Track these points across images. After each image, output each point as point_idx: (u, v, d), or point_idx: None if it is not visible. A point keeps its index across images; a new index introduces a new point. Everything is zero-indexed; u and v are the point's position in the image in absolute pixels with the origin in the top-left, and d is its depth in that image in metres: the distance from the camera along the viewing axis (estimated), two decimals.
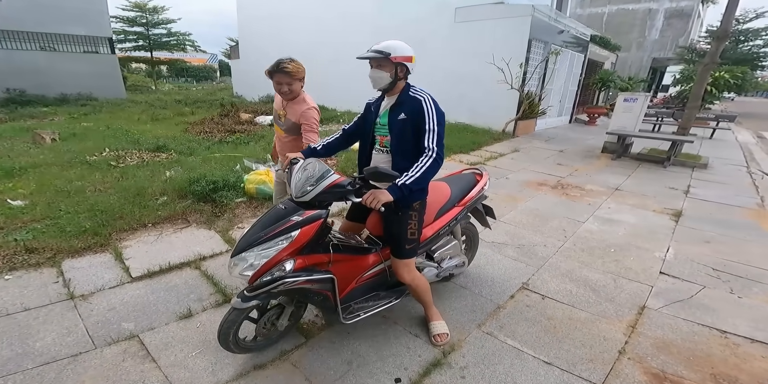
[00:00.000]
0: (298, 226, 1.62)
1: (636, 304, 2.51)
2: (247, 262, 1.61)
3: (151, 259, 2.79)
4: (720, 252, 3.33)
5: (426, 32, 10.05)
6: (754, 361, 2.01)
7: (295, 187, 1.70)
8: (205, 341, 2.03)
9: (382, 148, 1.95)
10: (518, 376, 1.87)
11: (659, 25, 19.45)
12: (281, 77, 2.22)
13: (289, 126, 2.43)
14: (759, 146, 9.60)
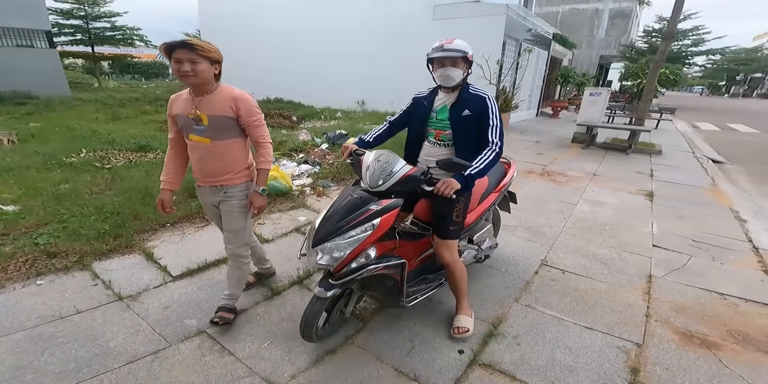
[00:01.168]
0: (378, 215, 1.64)
1: (643, 274, 2.78)
2: (332, 252, 1.61)
3: (184, 258, 2.70)
4: (693, 225, 3.72)
5: (406, 29, 10.13)
6: (756, 317, 2.29)
7: (371, 177, 1.70)
8: (270, 332, 2.02)
9: (438, 141, 2.00)
10: (567, 340, 2.02)
11: (605, 24, 20.44)
12: (182, 53, 1.59)
13: (215, 126, 1.74)
14: (696, 135, 10.65)
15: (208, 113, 1.73)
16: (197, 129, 1.76)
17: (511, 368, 1.82)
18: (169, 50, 1.61)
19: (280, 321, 2.12)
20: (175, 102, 1.82)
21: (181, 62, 1.61)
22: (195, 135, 1.78)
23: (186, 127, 1.79)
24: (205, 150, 1.81)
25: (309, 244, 1.66)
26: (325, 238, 1.61)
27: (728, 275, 2.80)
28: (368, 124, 8.68)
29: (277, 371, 1.76)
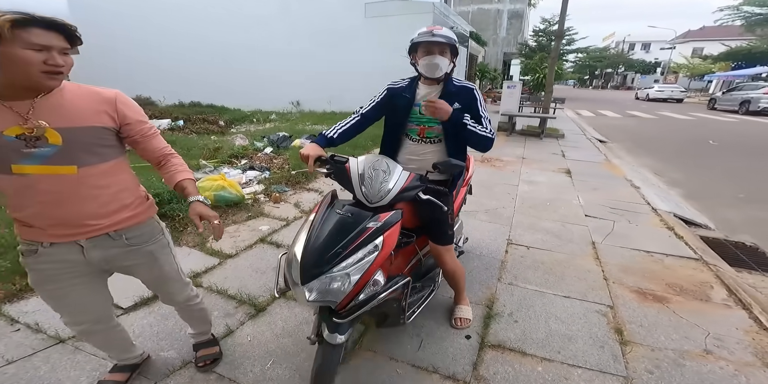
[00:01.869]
0: (380, 232, 1.30)
1: (587, 242, 2.98)
2: (329, 286, 1.23)
3: (129, 287, 2.07)
4: (606, 195, 4.13)
5: (340, 26, 9.61)
6: (680, 269, 2.56)
7: (370, 190, 1.37)
8: (269, 351, 1.74)
9: (422, 138, 1.71)
10: (554, 311, 2.06)
11: (505, 24, 21.05)
12: (52, 38, 0.94)
13: (77, 145, 1.05)
14: (581, 120, 12.01)
15: (60, 125, 1.01)
16: (37, 154, 0.99)
17: (518, 345, 1.79)
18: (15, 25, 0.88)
19: (275, 338, 1.83)
20: None
21: (49, 49, 0.93)
22: (34, 164, 1.00)
23: (3, 152, 0.98)
24: (70, 184, 1.06)
25: (293, 279, 1.25)
26: (318, 271, 1.22)
27: (645, 235, 3.14)
28: (308, 124, 8.11)
29: None
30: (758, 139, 8.84)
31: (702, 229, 3.55)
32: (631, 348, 1.75)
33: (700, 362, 1.64)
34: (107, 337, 1.39)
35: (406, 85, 1.77)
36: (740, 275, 2.62)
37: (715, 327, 1.90)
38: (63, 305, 1.24)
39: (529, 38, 21.04)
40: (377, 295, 1.30)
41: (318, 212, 1.37)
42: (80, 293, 1.23)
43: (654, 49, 45.49)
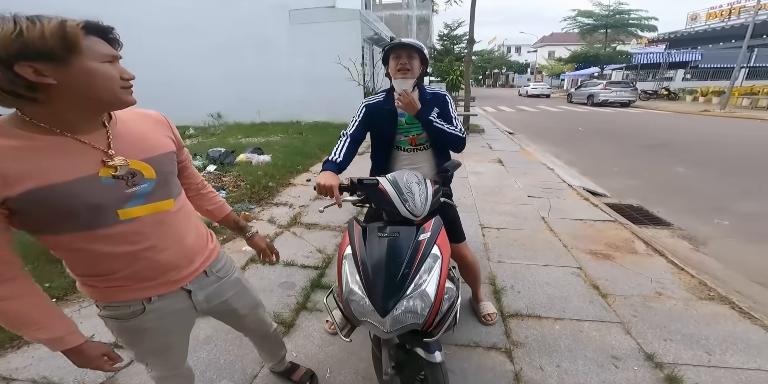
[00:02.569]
0: (433, 242, 1.21)
1: (538, 218, 3.40)
2: (415, 307, 1.11)
3: None
4: (534, 178, 4.71)
5: (264, 33, 8.85)
6: (608, 231, 3.07)
7: (414, 203, 1.27)
8: (319, 362, 1.67)
9: (414, 146, 1.66)
10: (543, 278, 2.32)
11: (415, 29, 20.86)
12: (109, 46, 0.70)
13: (164, 175, 0.85)
14: (489, 116, 13.26)
15: (142, 156, 0.80)
16: (138, 192, 0.79)
17: (531, 311, 1.99)
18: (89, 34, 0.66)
19: (319, 349, 1.76)
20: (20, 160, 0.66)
21: (116, 61, 0.72)
22: (138, 205, 0.79)
23: (101, 199, 0.74)
24: (172, 221, 0.87)
25: (362, 316, 1.13)
26: (395, 299, 1.10)
27: (573, 207, 3.70)
28: (240, 138, 7.29)
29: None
30: (606, 123, 10.83)
31: (603, 198, 4.29)
32: (613, 299, 2.08)
33: (660, 302, 2.03)
34: (183, 380, 1.18)
35: (384, 100, 1.66)
36: (642, 230, 3.28)
37: (651, 273, 2.37)
38: (164, 359, 1.04)
39: (436, 42, 21.91)
40: (454, 303, 1.22)
41: (355, 243, 1.23)
42: (183, 343, 1.06)
43: (524, 52, 51.75)
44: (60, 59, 0.62)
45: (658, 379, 1.48)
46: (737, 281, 2.33)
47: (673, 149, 6.90)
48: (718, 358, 1.58)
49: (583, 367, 1.56)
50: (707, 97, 17.76)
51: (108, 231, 0.76)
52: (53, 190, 0.68)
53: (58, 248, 0.78)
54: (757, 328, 1.76)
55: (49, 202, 0.68)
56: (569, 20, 26.73)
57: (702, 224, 3.39)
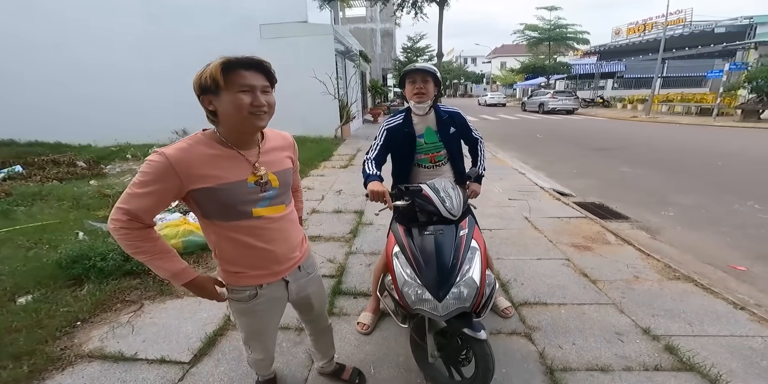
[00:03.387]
0: (471, 237, 1.40)
1: (522, 218, 3.69)
2: (465, 292, 1.28)
3: (172, 338, 1.93)
4: (510, 182, 5.06)
5: (232, 47, 8.46)
6: (582, 226, 3.43)
7: (453, 204, 1.40)
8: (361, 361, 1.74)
9: (433, 164, 1.77)
10: (539, 271, 2.55)
11: (379, 42, 21.31)
12: (253, 78, 0.90)
13: (282, 186, 1.06)
14: None
15: (274, 169, 1.03)
16: (266, 196, 1.01)
17: (537, 299, 2.20)
18: (230, 69, 0.86)
19: (357, 349, 1.83)
20: (204, 163, 0.92)
21: (255, 91, 0.89)
22: (264, 206, 1.02)
23: (245, 198, 0.98)
24: (284, 222, 1.08)
25: (420, 302, 1.29)
26: (448, 286, 1.27)
27: (549, 206, 4.07)
28: None
29: None
30: (558, 130, 11.84)
31: (570, 197, 4.74)
32: (602, 284, 2.36)
33: (639, 285, 2.35)
34: (268, 366, 1.43)
35: (403, 122, 1.72)
36: (608, 224, 3.69)
37: (625, 260, 2.71)
38: (264, 340, 1.26)
39: (400, 54, 22.46)
40: (494, 288, 1.44)
41: (403, 241, 1.41)
42: (273, 329, 1.27)
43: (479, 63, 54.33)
44: (214, 92, 0.88)
45: (659, 349, 1.73)
46: (692, 263, 2.74)
47: (617, 151, 7.72)
48: (699, 328, 1.88)
49: (595, 344, 1.78)
50: (634, 104, 19.88)
51: (245, 223, 1.00)
52: (218, 189, 0.93)
53: (213, 233, 1.01)
54: (720, 301, 2.11)
55: (216, 196, 0.94)
56: (518, 33, 28.74)
57: (653, 216, 3.89)
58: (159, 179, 0.88)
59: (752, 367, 1.59)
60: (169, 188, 0.89)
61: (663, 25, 16.29)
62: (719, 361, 1.62)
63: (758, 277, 2.55)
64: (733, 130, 10.87)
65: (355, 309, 2.17)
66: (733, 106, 13.53)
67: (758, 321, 1.90)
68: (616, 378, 1.57)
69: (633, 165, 6.33)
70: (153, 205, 0.90)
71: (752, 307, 2.01)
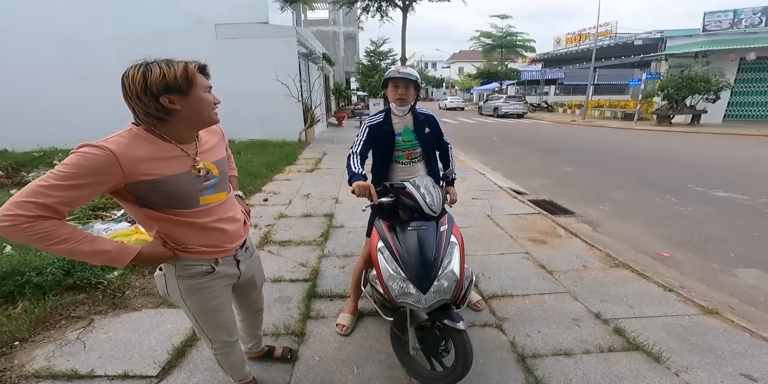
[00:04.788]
0: (450, 232, 1.44)
1: (485, 215, 3.85)
2: (446, 285, 1.31)
3: (134, 352, 1.78)
4: (472, 182, 5.25)
5: (182, 47, 7.86)
6: (537, 221, 3.66)
7: (434, 202, 1.44)
8: (343, 361, 1.72)
9: (410, 160, 1.83)
10: (502, 264, 2.66)
11: (342, 45, 20.86)
12: (207, 80, 0.98)
13: (224, 169, 1.13)
14: None
15: (212, 159, 1.06)
16: (209, 185, 1.04)
17: (504, 292, 2.30)
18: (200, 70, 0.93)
19: (339, 350, 1.78)
20: (147, 157, 0.91)
21: (210, 91, 0.97)
22: (210, 194, 1.05)
23: (191, 188, 0.99)
24: (227, 207, 1.13)
25: (404, 294, 1.32)
26: (430, 279, 1.30)
27: (507, 204, 4.28)
28: None
29: None
30: (512, 133, 12.52)
31: (525, 195, 5.03)
32: (557, 275, 2.53)
33: (588, 273, 2.54)
34: (238, 354, 1.35)
35: (383, 120, 1.78)
36: (558, 219, 3.97)
37: (574, 251, 2.93)
38: (221, 321, 1.21)
39: (363, 58, 22.20)
40: (471, 281, 1.50)
41: (387, 237, 1.42)
42: (229, 307, 1.24)
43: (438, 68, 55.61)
44: (184, 92, 0.88)
45: (610, 332, 1.89)
46: (627, 251, 3.03)
47: (562, 153, 8.33)
48: (639, 310, 2.08)
49: (557, 330, 1.91)
50: (572, 109, 21.61)
51: (194, 210, 1.02)
52: (163, 181, 0.93)
53: (160, 221, 0.99)
54: (652, 284, 2.36)
55: (162, 187, 0.93)
56: (474, 39, 29.84)
57: (593, 211, 4.25)
58: (99, 173, 0.83)
59: (685, 344, 1.79)
60: (107, 182, 0.85)
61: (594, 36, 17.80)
62: (659, 340, 1.80)
63: (680, 262, 2.89)
64: (651, 133, 12.22)
65: (332, 311, 2.12)
66: (650, 111, 15.19)
67: (684, 301, 2.15)
68: (579, 361, 1.68)
69: (574, 165, 6.88)
70: (81, 198, 0.84)
71: (678, 289, 2.27)
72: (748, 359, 1.66)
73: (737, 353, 1.70)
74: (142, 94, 0.84)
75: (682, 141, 10.01)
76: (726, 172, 5.98)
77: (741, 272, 2.70)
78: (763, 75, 13.85)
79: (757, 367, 1.62)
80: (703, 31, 14.44)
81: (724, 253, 3.03)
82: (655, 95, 14.22)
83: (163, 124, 0.92)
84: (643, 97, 15.52)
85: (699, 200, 4.51)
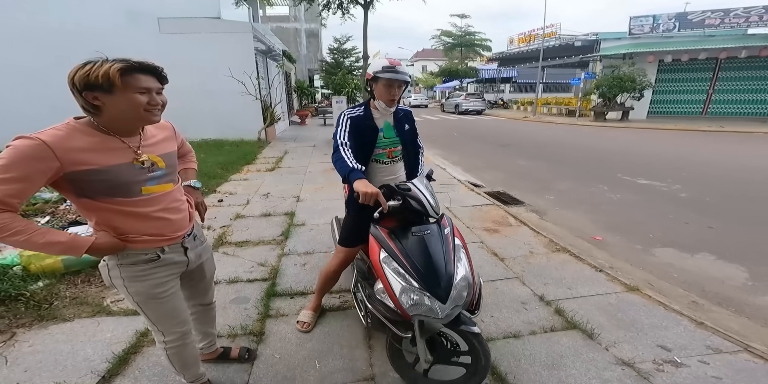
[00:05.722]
0: (454, 234, 1.34)
1: (445, 208, 3.93)
2: (463, 293, 1.23)
3: (68, 362, 1.61)
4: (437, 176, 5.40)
5: (119, 42, 7.15)
6: (492, 212, 3.80)
7: (435, 205, 1.34)
8: (305, 358, 1.68)
9: (391, 159, 1.68)
10: None
11: (304, 42, 19.88)
12: (149, 81, 0.95)
13: (172, 162, 1.14)
14: None
15: (159, 152, 1.08)
16: (154, 176, 1.05)
17: None
18: (128, 73, 0.90)
19: (299, 347, 1.74)
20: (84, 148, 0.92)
21: (150, 92, 0.96)
22: (154, 185, 1.05)
23: (133, 178, 1.01)
24: (173, 197, 1.13)
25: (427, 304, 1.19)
26: (448, 288, 1.19)
27: (465, 196, 4.40)
28: None
29: None
30: (471, 129, 12.95)
31: (482, 188, 5.22)
32: (508, 261, 2.64)
33: (534, 259, 2.68)
34: (191, 350, 1.30)
35: (364, 114, 1.61)
36: (510, 209, 4.17)
37: (523, 238, 3.08)
38: (169, 309, 1.17)
39: (326, 55, 21.48)
40: (480, 284, 1.36)
41: (391, 246, 1.26)
42: (179, 297, 1.21)
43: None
44: (106, 90, 0.89)
45: (551, 312, 2.00)
46: (567, 237, 3.25)
47: (515, 147, 8.75)
48: (575, 291, 2.23)
49: (508, 314, 1.99)
50: (525, 106, 22.78)
51: (136, 199, 1.02)
52: (103, 171, 0.94)
53: (100, 210, 0.99)
54: (587, 266, 2.55)
55: (102, 177, 0.95)
56: (435, 38, 30.10)
57: (540, 200, 4.51)
58: (32, 162, 0.85)
59: (613, 319, 1.95)
60: (44, 170, 0.87)
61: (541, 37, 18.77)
62: (592, 317, 1.95)
63: (610, 245, 3.16)
64: (589, 128, 13.25)
65: (293, 309, 2.05)
66: (588, 108, 16.45)
67: (612, 280, 2.35)
68: (525, 342, 1.77)
69: (526, 158, 7.26)
70: (26, 189, 0.87)
71: (608, 270, 2.47)
72: (663, 331, 1.84)
73: (654, 326, 1.88)
74: (72, 87, 0.89)
75: (614, 135, 10.97)
76: (648, 162, 6.65)
77: (659, 252, 3.02)
78: (678, 76, 15.48)
79: (670, 337, 1.80)
80: (630, 34, 15.80)
81: (645, 234, 3.36)
82: (592, 93, 15.35)
83: (98, 117, 0.95)
84: (582, 95, 16.72)
85: (626, 188, 4.97)
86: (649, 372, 1.56)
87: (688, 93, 15.51)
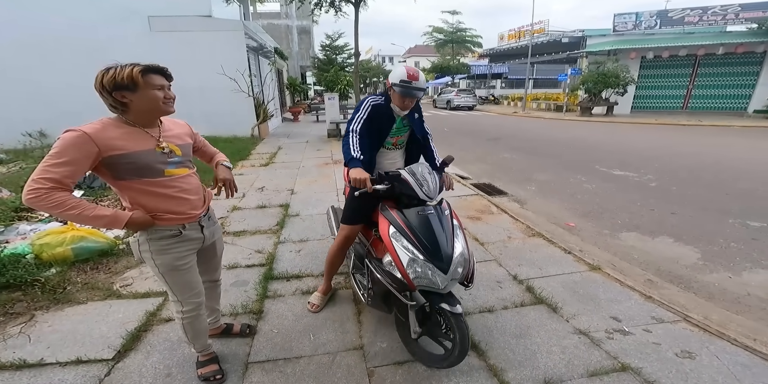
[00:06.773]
0: (452, 215, 1.46)
1: None
2: (461, 266, 1.32)
3: (85, 339, 1.73)
4: None
5: (108, 40, 7.01)
6: (476, 202, 3.94)
7: (431, 188, 1.43)
8: (300, 331, 1.80)
9: (395, 146, 1.81)
10: None
11: (296, 39, 19.57)
12: (161, 79, 1.14)
13: (187, 152, 1.31)
14: None
15: (177, 143, 1.27)
16: (172, 161, 1.24)
17: None
18: (146, 74, 1.10)
19: (295, 322, 1.87)
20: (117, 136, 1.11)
21: (164, 88, 1.17)
22: (173, 168, 1.24)
23: (156, 161, 1.18)
24: (190, 180, 1.30)
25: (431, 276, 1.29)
26: (449, 260, 1.28)
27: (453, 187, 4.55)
28: None
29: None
30: (462, 124, 13.03)
31: (468, 179, 5.36)
32: (488, 245, 2.79)
33: (512, 243, 2.84)
34: (203, 322, 1.45)
35: (385, 104, 1.71)
36: (493, 199, 4.32)
37: (503, 225, 3.23)
38: (188, 280, 1.33)
39: (319, 52, 21.07)
40: (474, 261, 1.46)
41: (400, 223, 1.36)
42: (195, 270, 1.37)
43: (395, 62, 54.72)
44: (131, 89, 1.08)
45: (523, 290, 2.16)
46: (544, 223, 3.42)
47: (502, 141, 8.89)
48: (545, 271, 2.39)
49: (484, 292, 2.14)
50: (515, 101, 22.84)
51: (160, 180, 1.20)
52: (132, 155, 1.12)
53: (131, 190, 1.17)
54: (557, 249, 2.71)
55: (131, 160, 1.12)
56: (427, 34, 29.75)
57: (522, 190, 4.67)
58: (78, 148, 1.03)
59: (575, 295, 2.11)
60: (87, 155, 1.05)
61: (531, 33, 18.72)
62: (557, 294, 2.11)
63: (582, 230, 3.33)
64: (575, 122, 13.42)
65: (289, 290, 2.18)
66: (575, 103, 16.61)
67: (578, 261, 2.52)
68: (498, 316, 1.92)
69: (512, 151, 7.40)
70: (76, 171, 1.04)
71: (576, 252, 2.64)
72: (616, 304, 2.02)
73: (610, 300, 2.05)
74: (101, 90, 1.07)
75: (597, 129, 11.15)
76: (624, 155, 6.84)
77: (623, 235, 3.20)
78: (659, 72, 15.68)
79: (621, 310, 1.97)
80: (614, 31, 15.87)
81: (613, 220, 3.54)
82: (579, 89, 15.47)
83: (126, 112, 1.13)
84: (569, 91, 16.83)
85: (602, 178, 5.16)
86: (600, 339, 1.73)
87: (669, 88, 15.74)
